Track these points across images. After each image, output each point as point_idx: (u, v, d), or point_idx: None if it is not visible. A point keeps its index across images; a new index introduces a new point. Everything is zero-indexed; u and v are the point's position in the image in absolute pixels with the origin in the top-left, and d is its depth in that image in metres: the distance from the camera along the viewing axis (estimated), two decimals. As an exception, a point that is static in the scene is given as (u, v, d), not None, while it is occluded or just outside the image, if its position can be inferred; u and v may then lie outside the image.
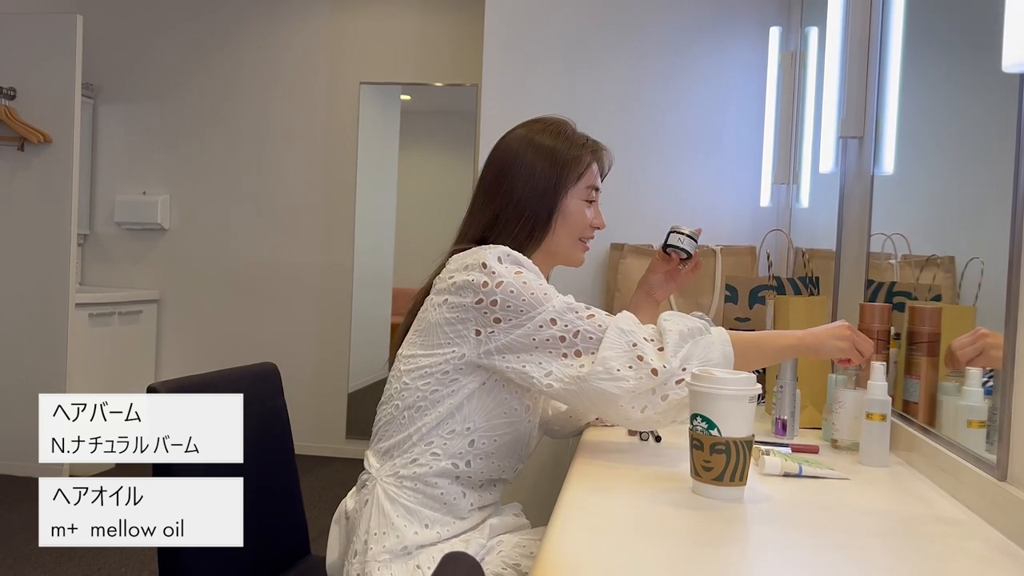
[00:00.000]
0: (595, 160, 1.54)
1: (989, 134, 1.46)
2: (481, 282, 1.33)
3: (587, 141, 1.55)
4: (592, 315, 1.34)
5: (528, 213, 1.47)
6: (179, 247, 4.91)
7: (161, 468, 1.33)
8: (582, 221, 1.52)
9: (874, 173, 1.87)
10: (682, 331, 1.31)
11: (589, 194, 1.52)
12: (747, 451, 1.16)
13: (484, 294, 1.33)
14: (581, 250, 1.55)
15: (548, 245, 1.50)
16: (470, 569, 0.71)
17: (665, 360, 1.29)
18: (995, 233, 1.37)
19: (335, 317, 4.78)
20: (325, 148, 4.80)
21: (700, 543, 1.03)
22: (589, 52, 3.07)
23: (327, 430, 4.75)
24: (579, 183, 1.50)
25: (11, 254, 4.17)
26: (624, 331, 1.31)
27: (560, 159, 1.49)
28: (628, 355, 1.29)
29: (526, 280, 1.34)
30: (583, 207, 1.52)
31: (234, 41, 4.85)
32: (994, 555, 1.01)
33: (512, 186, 1.47)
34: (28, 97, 4.15)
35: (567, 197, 1.49)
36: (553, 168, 1.48)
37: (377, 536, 1.34)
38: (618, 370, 1.28)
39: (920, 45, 1.77)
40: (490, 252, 1.37)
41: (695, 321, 1.34)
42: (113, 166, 4.97)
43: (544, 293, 1.34)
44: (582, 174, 1.51)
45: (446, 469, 1.37)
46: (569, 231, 1.51)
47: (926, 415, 1.45)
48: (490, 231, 1.47)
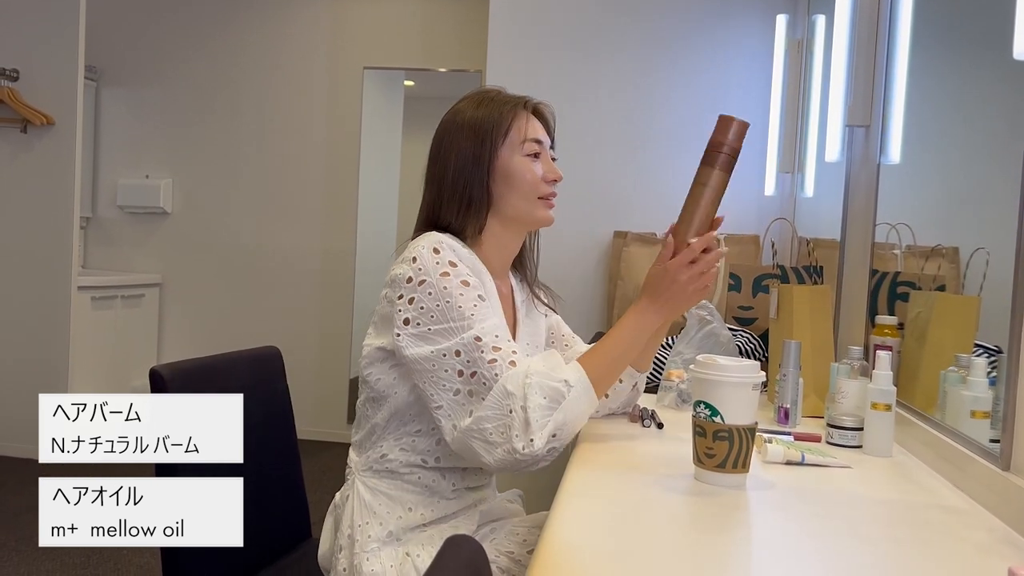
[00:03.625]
0: (519, 113, 1.42)
1: (996, 124, 1.45)
2: (406, 277, 1.29)
3: (510, 99, 1.43)
4: (494, 360, 1.24)
5: (462, 187, 1.38)
6: (182, 231, 4.91)
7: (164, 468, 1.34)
8: (529, 177, 1.40)
9: (880, 162, 1.86)
10: (545, 398, 1.21)
11: (530, 147, 1.40)
12: (750, 438, 1.15)
13: (405, 290, 1.28)
14: (544, 208, 1.42)
15: (503, 213, 1.41)
16: (473, 553, 0.71)
17: (532, 435, 1.19)
18: (1001, 223, 1.36)
19: (337, 302, 4.78)
20: (328, 133, 4.79)
21: (702, 530, 1.04)
22: (594, 39, 3.05)
23: (329, 414, 4.75)
24: (508, 139, 1.39)
25: (14, 237, 4.17)
26: (508, 392, 1.21)
27: (481, 126, 1.39)
28: (502, 423, 1.21)
29: (448, 287, 1.27)
30: (526, 163, 1.40)
31: (237, 25, 4.83)
32: (997, 544, 1.01)
33: (444, 165, 1.40)
34: (31, 79, 4.13)
35: (499, 159, 1.39)
36: (476, 135, 1.39)
37: (361, 527, 1.33)
38: (491, 434, 1.22)
39: (928, 34, 1.76)
40: (426, 243, 1.31)
41: (556, 382, 1.23)
42: (116, 149, 4.96)
43: (460, 312, 1.26)
44: (508, 129, 1.40)
45: (417, 463, 1.36)
46: (518, 191, 1.40)
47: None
48: (436, 214, 1.41)
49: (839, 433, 1.45)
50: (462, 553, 0.70)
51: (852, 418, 1.45)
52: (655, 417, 1.57)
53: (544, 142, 1.43)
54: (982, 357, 1.30)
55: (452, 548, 0.70)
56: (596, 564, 0.89)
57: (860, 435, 1.44)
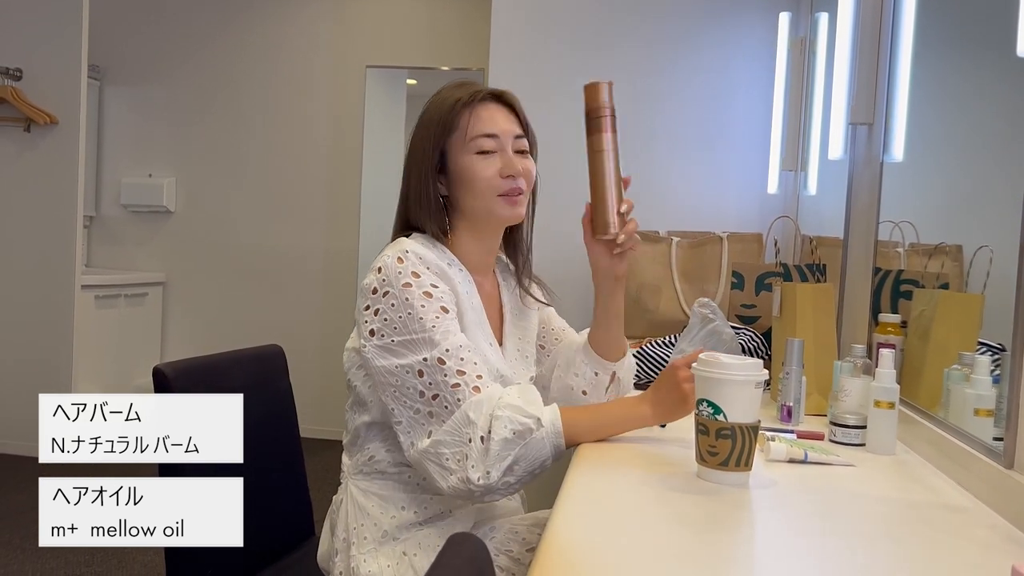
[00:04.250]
0: (461, 111, 1.35)
1: (1000, 122, 1.44)
2: (371, 288, 1.28)
3: (453, 94, 1.37)
4: (458, 384, 1.22)
5: (421, 192, 1.36)
6: (185, 230, 4.91)
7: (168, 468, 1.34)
8: (481, 176, 1.34)
9: (883, 160, 1.85)
10: (512, 432, 1.20)
11: (479, 144, 1.34)
12: (753, 436, 1.15)
13: (371, 301, 1.27)
14: (504, 205, 1.35)
15: (463, 213, 1.38)
16: (475, 551, 0.71)
17: (489, 467, 1.18)
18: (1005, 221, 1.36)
19: (340, 301, 4.78)
20: (331, 132, 4.79)
21: (705, 528, 1.03)
22: (596, 37, 3.05)
23: (332, 413, 4.74)
24: (453, 139, 1.35)
25: (18, 235, 4.17)
26: (470, 420, 1.19)
27: (427, 128, 1.37)
28: (459, 450, 1.20)
29: (409, 298, 1.24)
30: (476, 161, 1.34)
31: (240, 23, 4.83)
32: (1000, 542, 1.01)
33: (408, 166, 1.39)
34: (34, 78, 4.14)
35: (449, 161, 1.35)
36: (425, 137, 1.36)
37: (356, 529, 1.33)
38: (447, 460, 1.21)
39: (932, 31, 1.75)
40: (391, 251, 1.30)
41: (527, 418, 1.21)
42: (119, 148, 4.96)
43: (422, 324, 1.23)
44: (453, 128, 1.35)
45: (405, 462, 1.34)
46: (472, 192, 1.34)
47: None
48: (407, 215, 1.40)
49: (842, 431, 1.45)
50: (464, 551, 0.70)
51: (855, 416, 1.45)
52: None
53: (501, 135, 1.35)
54: (985, 355, 1.30)
55: (454, 546, 0.70)
56: (598, 563, 0.89)
57: (863, 433, 1.43)
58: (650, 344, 2.04)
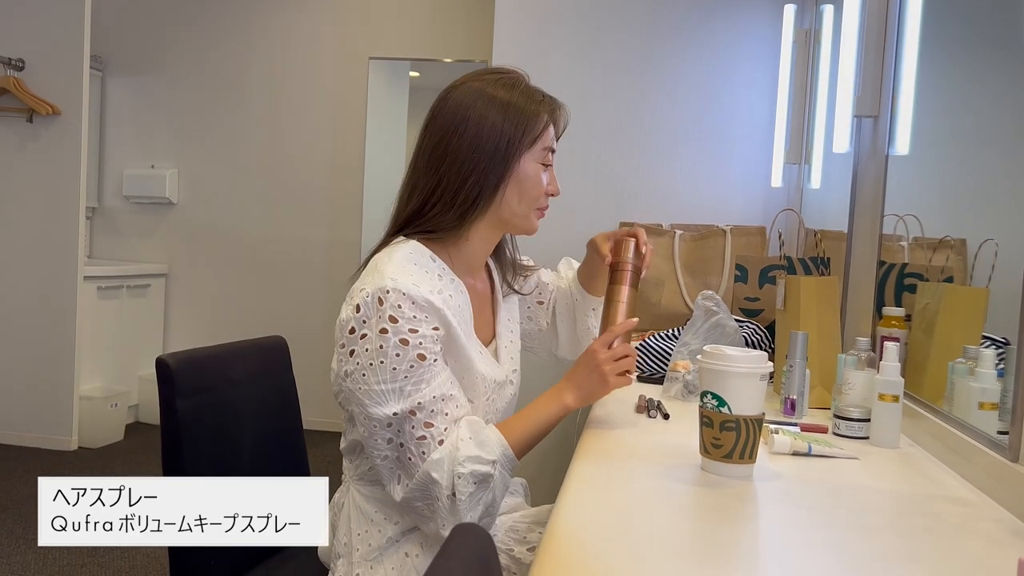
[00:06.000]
0: (552, 119, 1.34)
1: (1005, 115, 1.44)
2: (348, 327, 1.22)
3: (544, 97, 1.35)
4: (424, 437, 1.20)
5: (474, 178, 1.27)
6: (187, 221, 4.91)
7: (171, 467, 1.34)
8: (537, 188, 1.33)
9: (888, 153, 1.85)
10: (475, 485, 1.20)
11: (545, 156, 1.33)
12: (757, 429, 1.15)
13: (347, 340, 1.22)
14: (535, 220, 1.36)
15: (498, 213, 1.32)
16: (480, 541, 0.71)
17: (462, 521, 1.19)
18: (1010, 215, 1.35)
19: (343, 292, 4.69)
20: (333, 123, 4.78)
21: (709, 521, 1.03)
22: (600, 28, 3.04)
23: (335, 405, 4.74)
24: (535, 145, 1.31)
25: (20, 226, 4.17)
26: (434, 480, 1.19)
27: (515, 115, 1.29)
28: (430, 506, 1.22)
29: (383, 345, 1.19)
30: (539, 171, 1.33)
31: (243, 14, 4.82)
32: (1005, 536, 1.01)
33: (459, 145, 1.27)
34: (37, 68, 4.13)
35: (520, 160, 1.30)
36: (507, 124, 1.28)
37: (361, 536, 1.32)
38: (422, 511, 1.23)
39: (938, 23, 1.75)
40: (371, 288, 1.22)
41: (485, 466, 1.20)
42: (121, 139, 4.96)
43: (393, 375, 1.19)
44: (539, 135, 1.31)
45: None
46: (523, 199, 1.32)
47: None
48: (428, 204, 1.29)
49: (846, 424, 1.45)
50: (469, 541, 0.70)
51: (859, 409, 1.45)
52: (661, 408, 1.57)
53: (555, 152, 1.37)
54: (990, 349, 1.29)
55: (459, 537, 0.70)
56: (602, 555, 0.89)
57: (867, 426, 1.43)
58: (654, 337, 2.04)
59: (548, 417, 1.32)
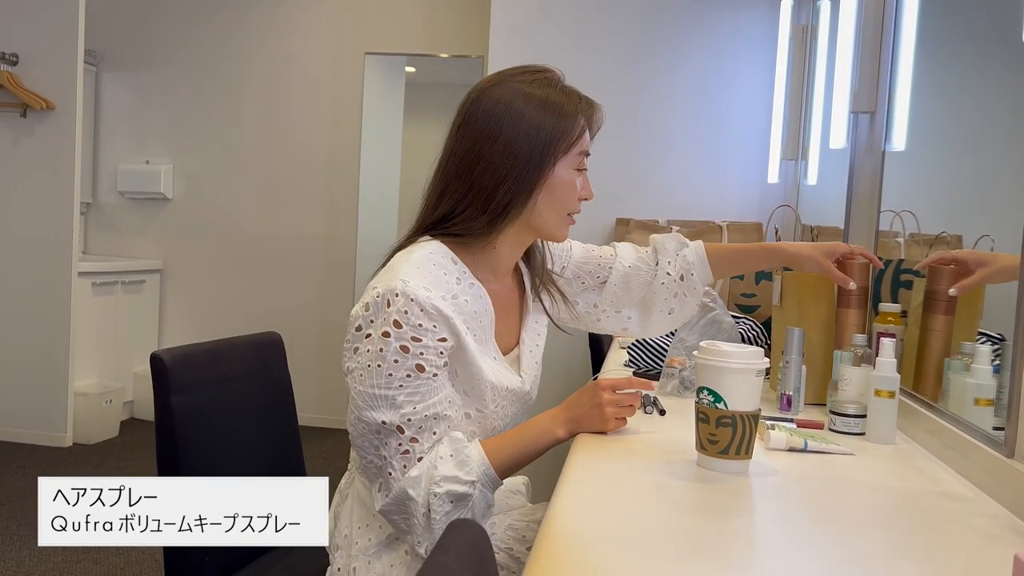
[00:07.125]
0: (588, 123, 1.30)
1: (1002, 111, 1.44)
2: (356, 324, 1.21)
3: (581, 99, 1.30)
4: (407, 451, 1.19)
5: (507, 185, 1.23)
6: (182, 217, 4.90)
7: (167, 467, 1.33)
8: (571, 194, 1.29)
9: (885, 149, 1.85)
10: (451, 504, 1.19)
11: (580, 162, 1.29)
12: (753, 425, 1.15)
13: (353, 337, 1.21)
14: (566, 227, 1.33)
15: (529, 219, 1.28)
16: (476, 536, 0.71)
17: (434, 540, 1.19)
18: (1005, 211, 1.36)
19: (338, 288, 4.77)
20: (329, 118, 4.77)
21: (705, 516, 1.03)
22: (596, 25, 3.03)
23: (330, 401, 4.75)
24: (571, 150, 1.27)
25: (14, 222, 4.16)
26: (410, 497, 1.19)
27: (553, 117, 1.25)
28: (406, 522, 1.21)
29: (383, 349, 1.17)
30: (573, 177, 1.29)
31: (238, 9, 4.80)
32: (1001, 532, 1.01)
33: (492, 151, 1.23)
34: (30, 63, 4.11)
35: (555, 167, 1.26)
36: (543, 128, 1.24)
37: (361, 530, 1.32)
38: (400, 524, 1.23)
39: (934, 19, 1.74)
40: (383, 288, 1.19)
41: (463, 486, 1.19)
42: (116, 134, 4.94)
43: (388, 381, 1.17)
44: (575, 140, 1.27)
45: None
46: (556, 205, 1.28)
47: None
48: (458, 209, 1.25)
49: (842, 420, 1.45)
50: (465, 536, 0.69)
51: (855, 405, 1.45)
52: (657, 403, 1.57)
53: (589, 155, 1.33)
54: (986, 345, 1.29)
55: (455, 532, 0.70)
56: (598, 550, 0.89)
57: (863, 422, 1.43)
58: (649, 333, 2.03)
59: (533, 440, 1.30)
